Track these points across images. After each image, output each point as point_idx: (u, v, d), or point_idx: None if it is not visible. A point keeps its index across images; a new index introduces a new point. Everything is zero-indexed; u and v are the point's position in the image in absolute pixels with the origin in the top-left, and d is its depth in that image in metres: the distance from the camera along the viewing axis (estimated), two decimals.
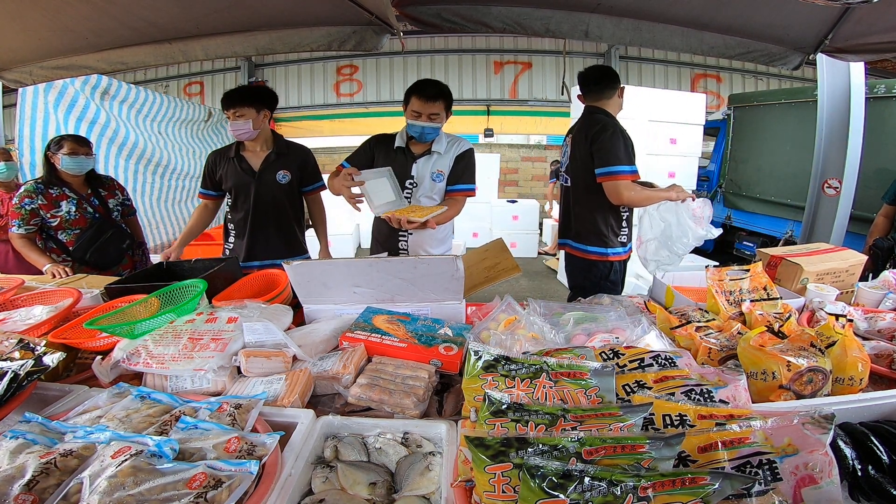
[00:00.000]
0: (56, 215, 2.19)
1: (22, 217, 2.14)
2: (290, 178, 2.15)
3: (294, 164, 2.17)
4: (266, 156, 2.12)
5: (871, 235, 2.69)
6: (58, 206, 2.19)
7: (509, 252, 1.78)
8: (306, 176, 2.23)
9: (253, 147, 2.13)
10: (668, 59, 7.36)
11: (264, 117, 2.07)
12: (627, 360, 0.91)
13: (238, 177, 2.11)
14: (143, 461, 0.68)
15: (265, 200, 2.12)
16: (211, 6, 2.07)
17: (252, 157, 2.13)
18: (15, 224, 2.15)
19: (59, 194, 2.20)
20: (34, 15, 1.97)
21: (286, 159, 2.15)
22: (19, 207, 2.15)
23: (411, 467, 0.78)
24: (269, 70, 7.55)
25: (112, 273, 2.29)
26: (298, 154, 2.22)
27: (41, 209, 2.16)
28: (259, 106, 2.03)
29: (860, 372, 0.98)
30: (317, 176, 2.29)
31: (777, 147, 4.81)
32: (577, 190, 2.14)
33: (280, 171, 2.13)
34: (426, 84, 1.87)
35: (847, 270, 1.60)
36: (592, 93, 2.10)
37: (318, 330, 1.20)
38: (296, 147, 2.25)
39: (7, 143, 3.72)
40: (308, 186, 2.26)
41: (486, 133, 7.37)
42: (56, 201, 2.19)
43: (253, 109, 2.00)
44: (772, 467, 0.63)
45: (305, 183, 2.25)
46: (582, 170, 2.07)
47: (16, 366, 0.89)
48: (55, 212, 2.18)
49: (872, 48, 2.27)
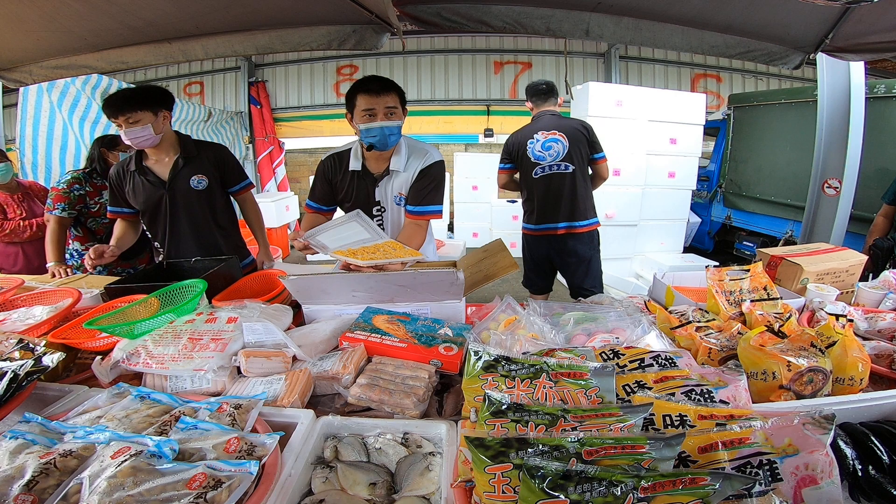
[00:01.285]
0: (98, 202, 2.34)
1: (69, 201, 2.26)
2: (207, 183, 1.90)
3: (209, 167, 1.93)
4: (174, 163, 1.87)
5: (871, 235, 2.68)
6: (101, 194, 2.34)
7: (508, 251, 1.79)
8: (228, 176, 1.99)
9: (156, 155, 1.87)
10: (668, 58, 7.36)
11: (164, 119, 1.82)
12: (627, 361, 0.91)
13: (146, 192, 1.85)
14: (142, 461, 0.68)
15: (183, 213, 1.89)
16: (210, 5, 2.06)
17: (158, 166, 1.87)
18: (59, 207, 2.25)
19: (102, 184, 2.34)
20: (32, 16, 1.97)
21: (198, 162, 1.90)
22: (67, 192, 2.26)
23: (411, 467, 0.78)
24: (269, 70, 7.55)
25: (130, 266, 2.36)
26: (212, 154, 1.96)
27: (88, 196, 2.31)
28: (155, 107, 1.77)
29: (860, 372, 0.98)
30: (240, 175, 2.05)
31: (777, 147, 4.81)
32: (578, 176, 2.54)
33: (194, 176, 1.88)
34: (371, 79, 1.60)
35: (847, 270, 1.59)
36: (546, 101, 2.62)
37: (317, 330, 1.20)
38: (208, 147, 2.00)
39: (7, 143, 3.72)
40: (234, 187, 2.03)
41: (486, 133, 7.36)
42: (100, 190, 2.34)
43: (149, 112, 1.75)
44: (772, 467, 0.63)
45: (229, 184, 2.02)
46: (583, 158, 2.55)
47: (15, 366, 0.89)
48: (98, 199, 2.34)
49: (873, 47, 2.27)
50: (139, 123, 1.72)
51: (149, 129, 1.74)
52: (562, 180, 2.53)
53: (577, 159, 2.51)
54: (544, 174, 2.55)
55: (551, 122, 2.54)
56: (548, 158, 2.53)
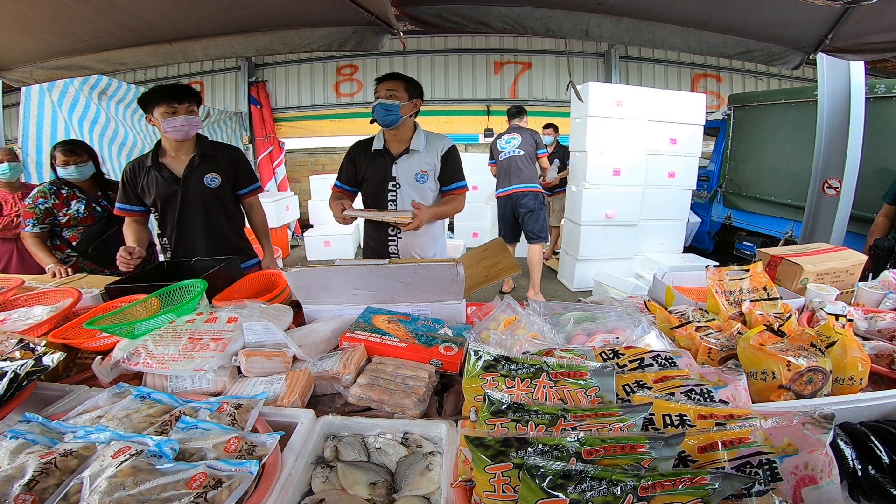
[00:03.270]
0: (66, 213, 2.25)
1: (36, 216, 2.20)
2: (220, 182, 1.96)
3: (224, 167, 2.00)
4: (190, 160, 1.93)
5: (872, 235, 2.68)
6: (68, 205, 2.25)
7: (509, 251, 1.79)
8: (240, 178, 2.06)
9: (174, 152, 1.94)
10: (668, 59, 7.36)
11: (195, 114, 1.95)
12: (627, 360, 0.91)
13: (160, 187, 1.91)
14: (143, 461, 0.68)
15: (194, 209, 1.94)
16: (211, 7, 2.07)
17: (174, 162, 1.93)
18: (29, 223, 2.21)
19: (69, 194, 2.26)
20: (33, 17, 1.97)
21: (213, 162, 1.97)
22: (33, 207, 2.21)
23: (411, 467, 0.78)
24: (269, 70, 7.55)
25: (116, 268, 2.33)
26: (227, 155, 2.04)
27: (54, 208, 2.22)
28: (195, 101, 1.89)
29: (860, 372, 0.98)
30: (251, 177, 2.11)
31: (777, 147, 4.81)
32: (525, 158, 4.19)
33: (208, 174, 1.95)
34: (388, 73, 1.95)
35: (847, 270, 1.59)
36: (514, 118, 4.38)
37: (318, 330, 1.20)
38: (224, 148, 2.07)
39: (8, 142, 3.72)
40: (243, 189, 2.09)
41: (486, 133, 7.37)
42: (67, 200, 2.25)
43: (194, 103, 1.87)
44: (772, 467, 0.63)
45: (239, 186, 2.07)
46: (531, 149, 4.22)
47: (16, 366, 0.89)
48: (66, 210, 2.24)
49: (873, 47, 2.27)
50: (193, 113, 1.87)
51: (198, 120, 1.89)
52: (516, 161, 4.16)
53: (525, 149, 4.16)
54: (506, 157, 4.21)
55: (513, 128, 4.32)
56: (507, 148, 4.23)
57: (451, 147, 2.04)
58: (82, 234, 2.25)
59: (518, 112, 4.35)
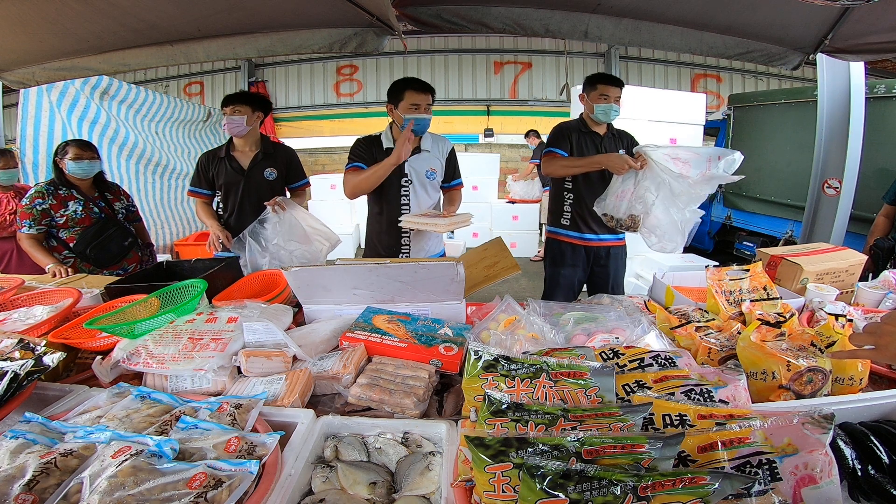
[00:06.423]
0: (63, 214, 2.23)
1: (33, 217, 2.18)
2: (276, 176, 2.35)
3: (281, 163, 2.37)
4: (254, 156, 2.31)
5: (872, 235, 2.68)
6: (66, 206, 2.24)
7: (509, 251, 1.78)
8: (292, 174, 2.43)
9: (242, 147, 2.31)
10: (668, 59, 7.36)
11: (257, 118, 2.27)
12: (627, 360, 0.91)
13: (228, 175, 2.29)
14: (143, 461, 0.68)
15: (252, 196, 2.29)
16: (212, 8, 2.07)
17: (241, 156, 2.31)
18: (25, 224, 2.19)
19: (67, 195, 2.25)
20: (35, 18, 1.97)
21: (273, 159, 2.35)
22: (30, 208, 2.19)
23: (411, 467, 0.78)
24: (270, 70, 7.55)
25: (118, 267, 2.34)
26: (284, 154, 2.43)
27: (52, 209, 2.21)
28: (255, 107, 2.24)
29: (860, 372, 0.98)
30: (301, 174, 2.49)
31: (777, 147, 4.81)
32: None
33: (267, 168, 2.32)
34: (415, 79, 2.02)
35: (847, 270, 1.59)
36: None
37: (318, 330, 1.20)
38: (282, 148, 2.47)
39: (7, 143, 3.72)
40: (294, 184, 2.45)
41: (486, 133, 7.37)
42: (64, 201, 2.24)
43: (249, 108, 2.21)
44: (771, 467, 0.63)
45: (291, 180, 2.44)
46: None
47: (16, 366, 0.89)
48: (63, 211, 2.23)
49: (872, 48, 2.27)
50: (239, 114, 2.19)
51: (243, 120, 2.20)
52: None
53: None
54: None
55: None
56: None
57: (452, 148, 2.24)
58: (80, 235, 2.24)
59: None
